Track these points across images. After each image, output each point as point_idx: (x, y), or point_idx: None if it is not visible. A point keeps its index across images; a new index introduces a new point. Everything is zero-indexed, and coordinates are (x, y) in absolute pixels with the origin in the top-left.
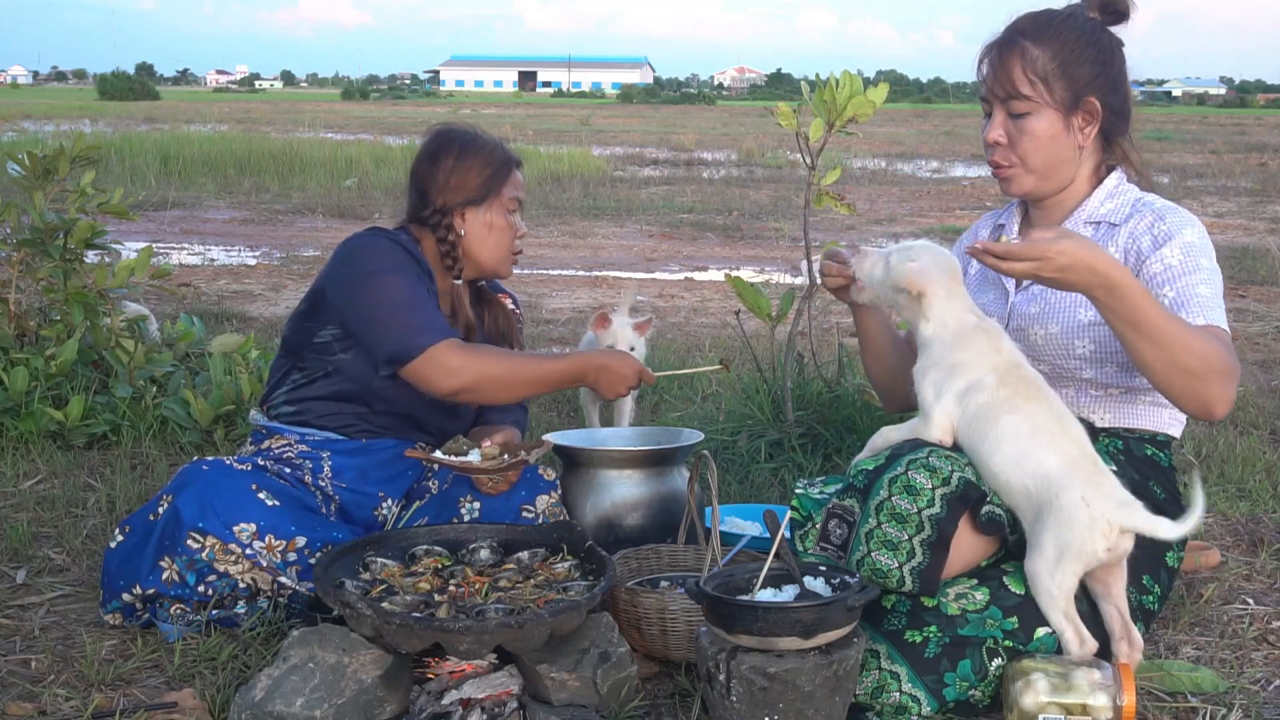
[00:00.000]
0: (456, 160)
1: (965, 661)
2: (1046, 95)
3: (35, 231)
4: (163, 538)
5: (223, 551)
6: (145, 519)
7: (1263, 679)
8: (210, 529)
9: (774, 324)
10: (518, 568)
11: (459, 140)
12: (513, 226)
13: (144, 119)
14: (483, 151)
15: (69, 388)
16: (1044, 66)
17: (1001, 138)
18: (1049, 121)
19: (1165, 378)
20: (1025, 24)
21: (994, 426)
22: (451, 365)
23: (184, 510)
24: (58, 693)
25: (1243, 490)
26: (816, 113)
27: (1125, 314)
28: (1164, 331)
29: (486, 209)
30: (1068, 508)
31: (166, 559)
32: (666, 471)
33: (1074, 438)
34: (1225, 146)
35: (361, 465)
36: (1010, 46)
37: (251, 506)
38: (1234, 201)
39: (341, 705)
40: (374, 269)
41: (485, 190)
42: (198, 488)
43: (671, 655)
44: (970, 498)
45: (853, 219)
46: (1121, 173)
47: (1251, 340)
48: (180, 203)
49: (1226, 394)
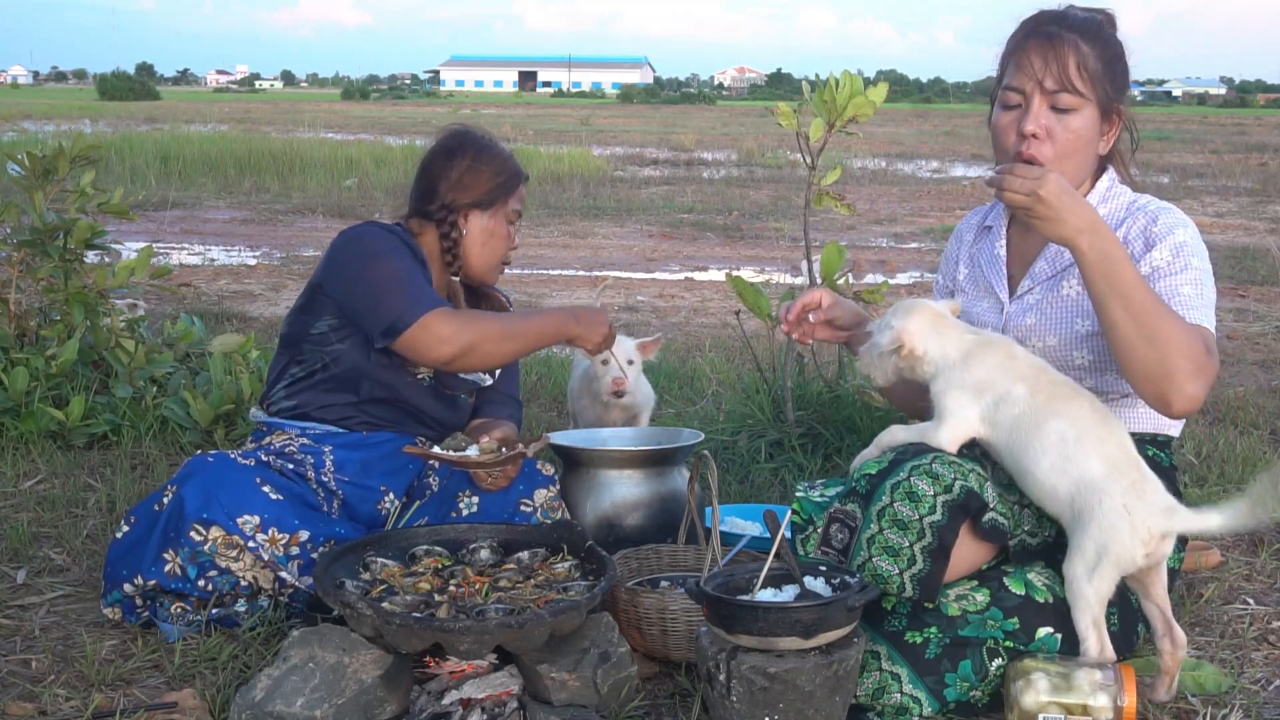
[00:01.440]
0: (472, 161)
1: (966, 662)
2: (1094, 93)
3: (35, 231)
4: (167, 529)
5: (225, 545)
6: (150, 509)
7: (1263, 679)
8: (215, 519)
9: (774, 324)
10: (518, 568)
11: (476, 143)
12: (510, 237)
13: (144, 119)
14: (497, 158)
15: (69, 388)
16: (1094, 65)
17: (1043, 132)
18: (1090, 121)
19: (1130, 344)
20: (1069, 21)
21: (1038, 435)
22: (444, 333)
23: (189, 501)
24: (58, 693)
25: (1243, 490)
26: (817, 113)
27: (1104, 266)
28: (1138, 294)
29: (490, 215)
30: (1109, 514)
31: (170, 551)
32: (667, 471)
33: (1118, 440)
34: (1225, 146)
35: (364, 459)
36: (1062, 40)
37: (256, 498)
38: (1234, 201)
39: (342, 705)
40: (369, 251)
41: (493, 196)
42: (202, 479)
43: (672, 655)
44: (972, 506)
45: (853, 219)
46: (1112, 173)
47: (1252, 340)
48: (180, 203)
49: (1192, 388)
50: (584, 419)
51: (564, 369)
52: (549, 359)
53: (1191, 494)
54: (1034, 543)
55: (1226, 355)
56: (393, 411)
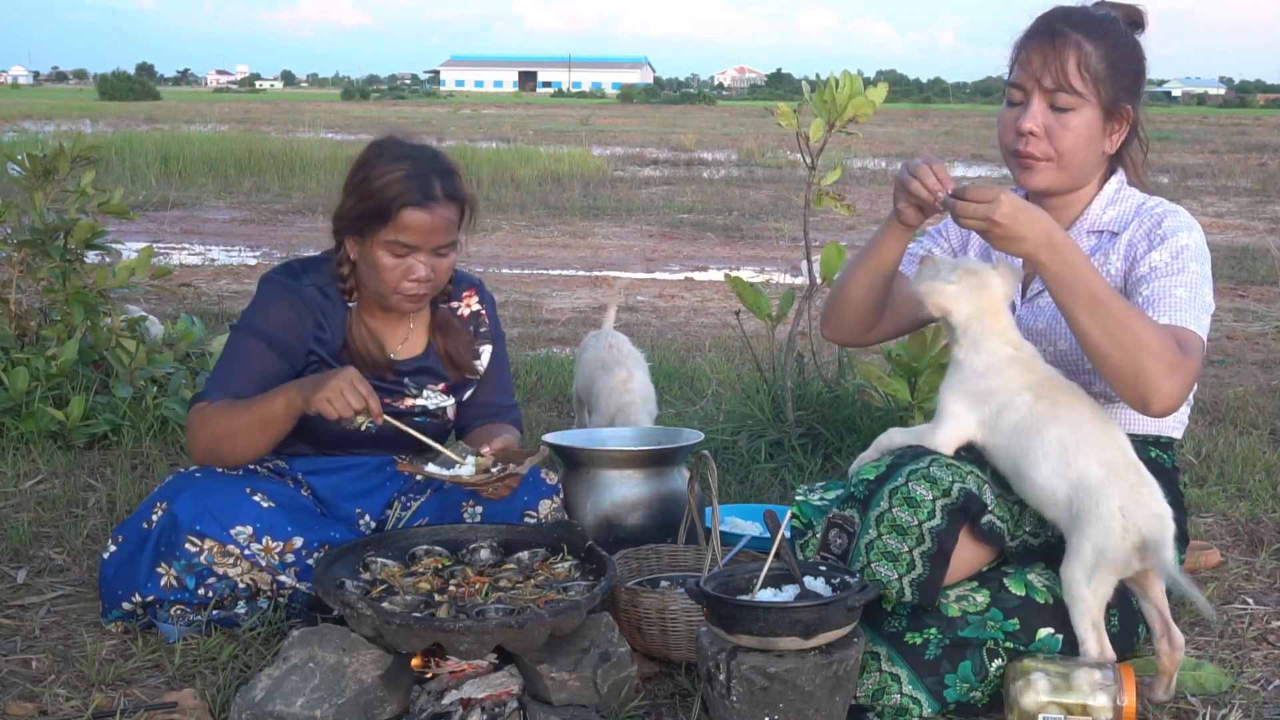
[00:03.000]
0: (357, 182)
1: (966, 663)
2: (1094, 93)
3: (35, 232)
4: (159, 544)
5: (221, 554)
6: (139, 527)
7: (1262, 678)
8: (208, 531)
9: (774, 324)
10: (518, 568)
11: (370, 160)
12: (398, 267)
13: (144, 119)
14: (380, 182)
15: (69, 388)
16: (1096, 65)
17: (1038, 128)
18: (1091, 120)
19: (1100, 352)
20: (1074, 18)
21: (1038, 440)
22: (190, 428)
23: (181, 514)
24: (58, 692)
25: (1243, 490)
26: (817, 113)
27: (1067, 277)
28: (1103, 300)
29: (363, 243)
30: (1106, 518)
31: (164, 565)
32: (666, 471)
33: (1118, 444)
34: (1225, 146)
35: (335, 483)
36: (1064, 38)
37: (247, 508)
38: (1234, 201)
39: (342, 705)
40: (238, 322)
41: (359, 225)
42: (193, 492)
43: (671, 655)
44: (971, 509)
45: (853, 219)
46: (1122, 175)
47: (1252, 340)
48: (180, 203)
49: (1168, 387)
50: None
51: (564, 368)
52: (549, 359)
53: (1191, 494)
54: (1036, 543)
55: (1226, 355)
56: (361, 447)
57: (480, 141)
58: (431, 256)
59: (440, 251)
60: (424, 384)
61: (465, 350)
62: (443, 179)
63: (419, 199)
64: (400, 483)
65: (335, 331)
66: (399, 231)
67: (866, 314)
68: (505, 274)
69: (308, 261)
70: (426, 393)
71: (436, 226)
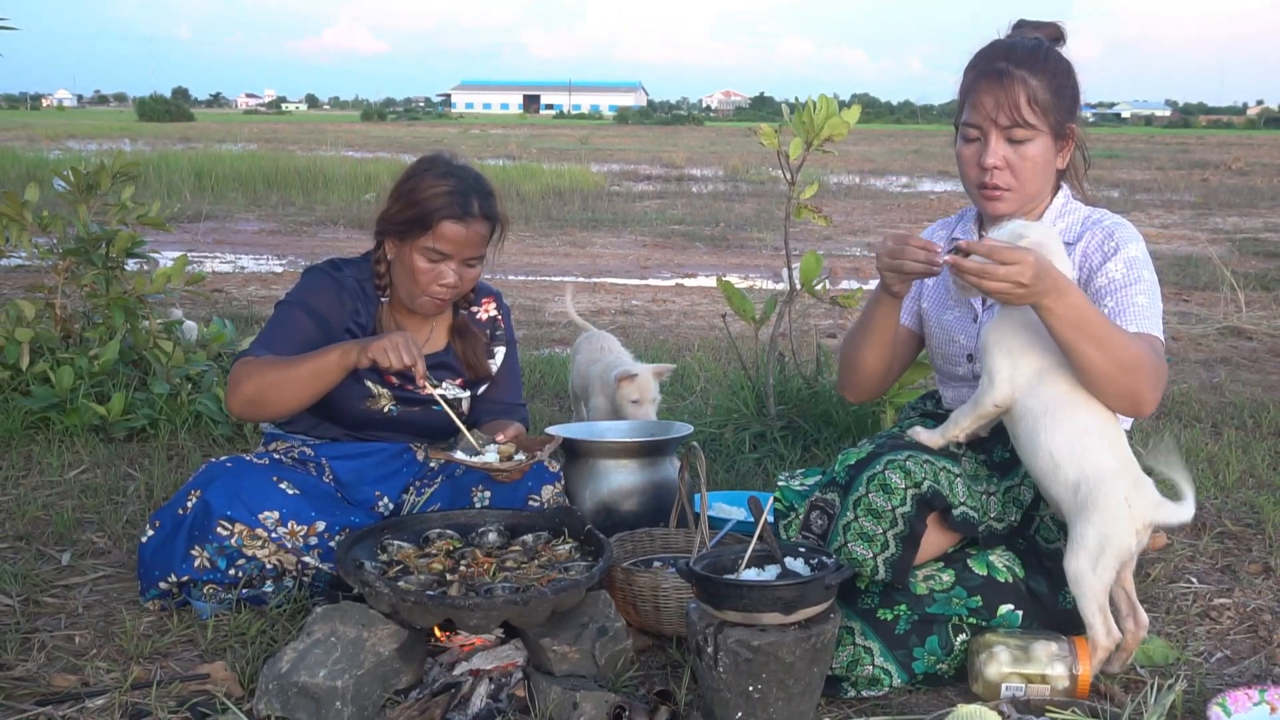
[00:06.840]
0: (407, 189)
1: (933, 637)
2: (1045, 123)
3: (79, 242)
4: (193, 528)
5: (250, 537)
6: (174, 513)
7: (1205, 651)
8: (238, 516)
9: (758, 326)
10: (523, 549)
11: (418, 173)
12: (430, 272)
13: (179, 138)
14: (425, 192)
15: (110, 385)
16: (1043, 96)
17: (1001, 163)
18: (1045, 147)
19: (1104, 375)
20: (1016, 56)
21: (1071, 420)
22: (233, 379)
23: (213, 501)
24: (99, 665)
25: (1174, 476)
26: (796, 133)
27: (1073, 317)
28: (1104, 331)
29: (403, 247)
30: (1114, 507)
31: (197, 548)
32: (659, 461)
33: (1125, 443)
34: (1170, 164)
35: (358, 468)
36: (1010, 77)
37: (274, 495)
38: (1178, 214)
39: (361, 676)
40: (286, 297)
41: (404, 229)
42: (225, 480)
43: (664, 629)
44: (936, 505)
45: (829, 230)
46: (1067, 190)
47: (1194, 341)
48: (213, 215)
49: (1154, 393)
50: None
51: (565, 367)
52: (550, 359)
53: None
54: (1000, 528)
55: (1170, 355)
56: (381, 430)
57: (488, 159)
58: (461, 266)
59: (469, 262)
60: (443, 378)
61: (480, 351)
62: (482, 199)
63: (459, 213)
64: (416, 469)
65: (369, 319)
66: (436, 240)
67: (882, 376)
68: (511, 280)
69: (348, 260)
70: (445, 385)
71: (470, 240)
